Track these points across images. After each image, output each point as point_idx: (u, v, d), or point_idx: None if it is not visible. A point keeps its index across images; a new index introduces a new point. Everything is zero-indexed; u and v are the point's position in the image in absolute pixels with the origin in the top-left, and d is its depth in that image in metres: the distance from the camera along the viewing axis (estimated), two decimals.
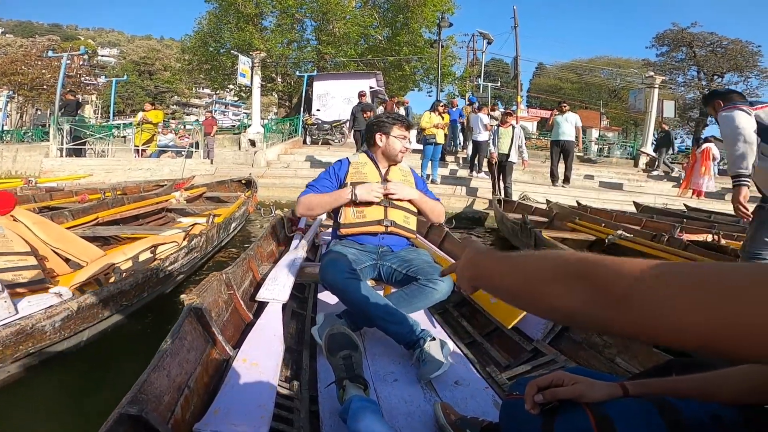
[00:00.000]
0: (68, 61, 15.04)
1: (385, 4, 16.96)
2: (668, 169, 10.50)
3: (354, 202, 1.74)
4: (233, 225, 3.68)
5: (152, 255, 2.34)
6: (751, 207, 2.00)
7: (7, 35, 40.71)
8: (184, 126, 13.10)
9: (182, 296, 1.21)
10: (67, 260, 2.32)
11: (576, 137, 7.09)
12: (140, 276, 1.87)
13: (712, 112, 2.19)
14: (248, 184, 5.97)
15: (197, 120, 14.20)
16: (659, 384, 0.66)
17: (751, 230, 1.97)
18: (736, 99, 2.13)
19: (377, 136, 1.84)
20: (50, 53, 16.78)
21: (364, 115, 7.28)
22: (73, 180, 7.05)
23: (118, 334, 1.87)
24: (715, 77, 25.42)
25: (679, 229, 3.80)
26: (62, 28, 52.83)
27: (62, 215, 3.29)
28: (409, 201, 1.82)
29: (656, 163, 10.86)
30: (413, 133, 9.13)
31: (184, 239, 2.46)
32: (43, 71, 22.71)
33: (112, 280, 1.88)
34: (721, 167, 9.20)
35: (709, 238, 3.68)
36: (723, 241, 3.43)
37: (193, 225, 3.06)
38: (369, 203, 1.74)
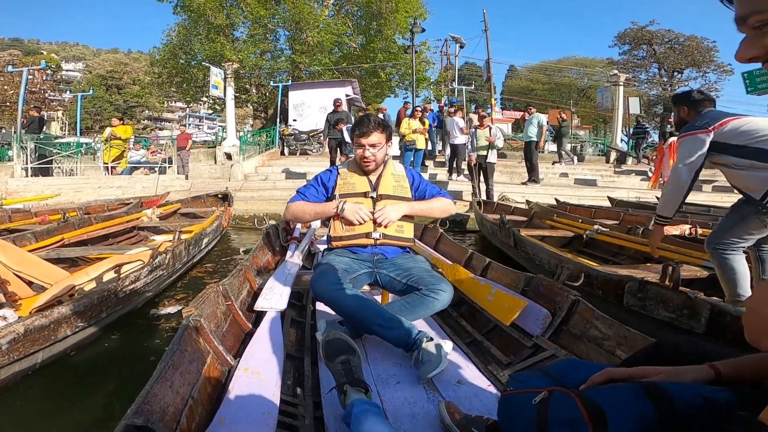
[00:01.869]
0: (30, 76, 14.46)
1: (358, 11, 17.04)
2: (646, 161, 11.04)
3: (340, 216, 1.72)
4: (205, 240, 3.59)
5: (116, 275, 2.26)
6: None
7: None
8: (157, 141, 12.75)
9: (162, 309, 1.18)
10: (30, 283, 2.25)
11: (540, 135, 7.54)
12: (95, 296, 1.83)
13: (680, 114, 2.07)
14: (225, 198, 5.84)
15: (171, 135, 13.83)
16: (755, 361, 0.64)
17: (728, 222, 1.92)
18: (707, 107, 2.00)
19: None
20: (10, 68, 16.10)
21: (336, 128, 7.29)
22: (40, 201, 6.74)
23: (82, 354, 1.83)
24: (675, 73, 26.65)
25: (653, 222, 3.91)
26: (23, 42, 50.77)
27: (25, 237, 3.17)
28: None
29: (636, 157, 11.33)
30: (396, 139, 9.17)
31: (149, 257, 2.37)
32: (5, 87, 21.84)
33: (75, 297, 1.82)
34: None
35: (686, 229, 3.82)
36: (700, 231, 3.53)
37: (161, 243, 2.97)
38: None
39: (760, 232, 1.84)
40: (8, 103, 21.42)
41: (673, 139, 8.40)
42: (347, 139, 6.70)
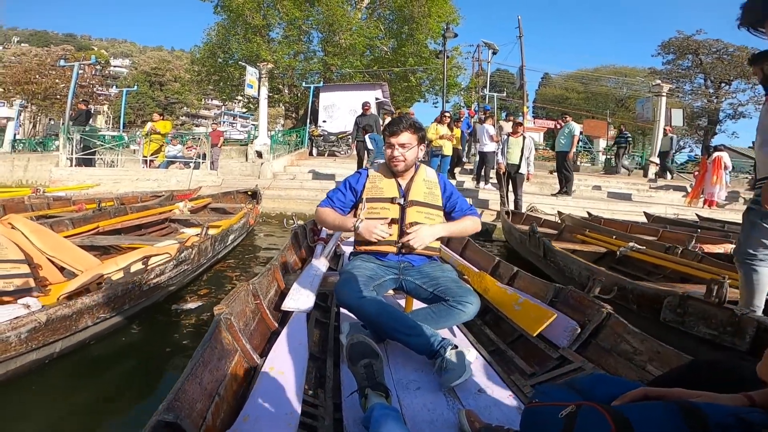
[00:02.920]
0: (80, 71, 15.33)
1: (391, 15, 17.14)
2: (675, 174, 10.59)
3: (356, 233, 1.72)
4: (231, 237, 3.65)
5: (144, 266, 2.31)
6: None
7: (22, 44, 41.78)
8: (193, 137, 13.23)
9: (183, 305, 1.19)
10: (62, 269, 2.32)
11: (572, 144, 7.21)
12: (120, 288, 1.85)
13: (758, 73, 1.83)
14: (254, 195, 5.96)
15: (206, 131, 14.36)
16: None
17: (744, 233, 1.93)
18: None
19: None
20: (62, 62, 17.15)
21: (363, 134, 7.32)
22: (81, 189, 7.11)
23: (100, 345, 1.85)
24: (723, 84, 25.24)
25: (694, 241, 3.70)
26: (77, 38, 54.14)
27: (63, 223, 3.28)
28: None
29: (667, 171, 10.87)
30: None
31: (176, 250, 2.42)
32: (57, 81, 23.25)
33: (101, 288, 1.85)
34: (735, 177, 9.17)
35: (729, 248, 3.57)
36: None
37: (189, 237, 3.04)
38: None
39: None
40: (58, 96, 22.80)
41: (717, 154, 7.97)
42: (369, 146, 6.68)
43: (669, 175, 10.97)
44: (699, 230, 4.77)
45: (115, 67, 44.19)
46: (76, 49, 37.10)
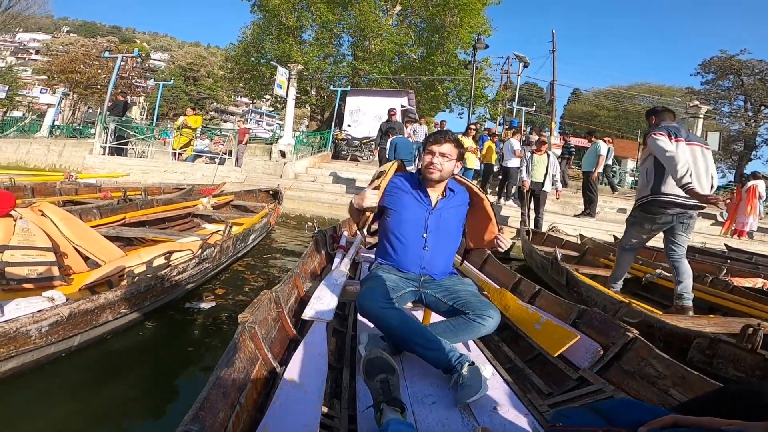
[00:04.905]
0: (122, 63, 16.00)
1: (422, 23, 17.20)
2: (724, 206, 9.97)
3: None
4: (252, 237, 3.69)
5: (166, 261, 2.35)
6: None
7: (71, 34, 44.01)
8: (220, 132, 13.57)
9: (199, 303, 1.19)
10: (86, 258, 2.38)
11: (597, 164, 6.97)
12: (142, 285, 1.88)
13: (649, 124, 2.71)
14: (275, 195, 6.04)
15: (234, 128, 14.71)
16: None
17: (627, 229, 2.97)
18: (667, 119, 2.80)
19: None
20: (107, 54, 17.96)
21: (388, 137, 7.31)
22: (111, 178, 7.39)
23: (118, 340, 1.88)
24: (763, 107, 24.16)
25: (725, 272, 3.55)
26: (122, 30, 56.67)
27: (90, 212, 3.37)
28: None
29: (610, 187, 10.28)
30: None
31: (199, 248, 2.46)
32: (99, 71, 24.34)
33: (124, 282, 1.89)
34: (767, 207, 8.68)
35: (759, 282, 3.43)
36: None
37: (211, 234, 3.08)
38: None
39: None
40: (99, 86, 23.88)
41: (751, 183, 7.58)
42: (387, 150, 6.64)
43: (612, 191, 9.96)
44: (729, 261, 4.58)
45: (154, 60, 45.97)
46: (120, 41, 38.83)
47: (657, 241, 6.94)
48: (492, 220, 1.83)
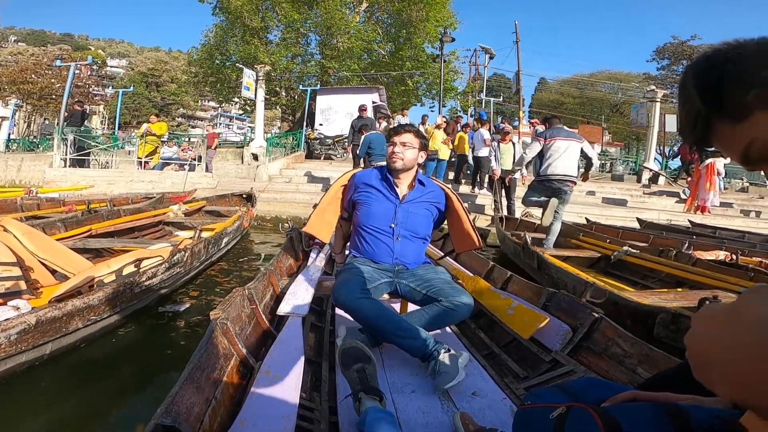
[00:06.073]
0: (76, 71, 15.25)
1: (389, 19, 17.22)
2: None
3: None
4: (225, 240, 3.64)
5: (137, 269, 2.30)
6: None
7: (19, 44, 41.53)
8: (188, 139, 13.18)
9: (174, 306, 1.18)
10: (54, 272, 2.32)
11: None
12: (110, 291, 1.85)
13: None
14: (249, 198, 5.95)
15: (202, 133, 14.32)
16: None
17: (528, 190, 4.24)
18: (555, 124, 4.12)
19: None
20: (59, 62, 17.07)
21: (360, 133, 7.31)
22: (74, 191, 7.07)
23: (91, 347, 1.85)
24: None
25: (688, 246, 3.74)
26: (74, 37, 53.88)
27: (54, 226, 3.26)
28: None
29: (676, 178, 10.83)
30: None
31: (169, 254, 2.42)
32: (53, 80, 23.08)
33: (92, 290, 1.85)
34: (728, 182, 9.22)
35: (721, 254, 3.63)
36: (739, 257, 3.37)
37: (183, 240, 3.03)
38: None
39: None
40: (54, 96, 22.63)
41: (709, 160, 8.03)
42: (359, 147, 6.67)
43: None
44: (694, 236, 4.82)
45: (111, 67, 43.96)
46: (73, 49, 36.96)
47: (621, 220, 7.24)
48: (465, 216, 1.91)
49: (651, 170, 11.32)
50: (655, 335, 1.89)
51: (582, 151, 3.82)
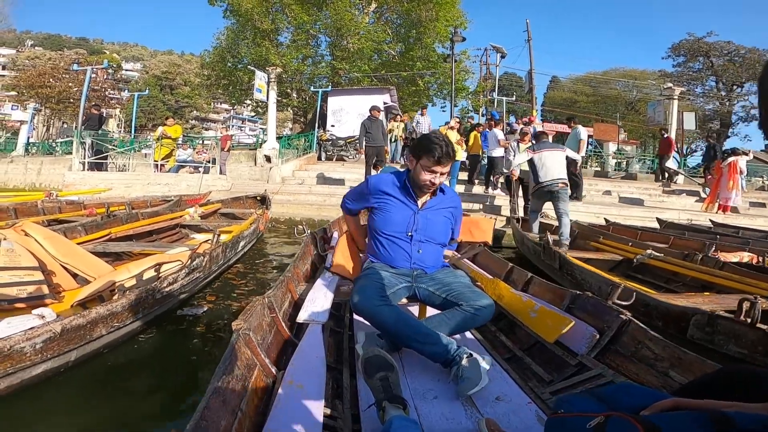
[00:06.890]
0: (93, 75, 15.56)
1: (398, 19, 17.19)
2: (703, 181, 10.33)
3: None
4: (242, 243, 3.65)
5: (156, 273, 2.32)
6: None
7: (36, 48, 42.58)
8: (203, 141, 13.35)
9: (192, 310, 1.17)
10: (75, 275, 2.35)
11: (579, 148, 7.09)
12: (133, 297, 1.85)
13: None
14: (263, 200, 5.98)
15: (216, 135, 14.48)
16: None
17: (531, 198, 4.92)
18: (542, 139, 4.81)
19: (409, 156, 1.78)
20: (75, 66, 17.43)
21: (373, 113, 7.22)
22: (93, 194, 7.21)
23: (114, 354, 1.86)
24: (735, 87, 24.87)
25: (713, 248, 3.62)
26: (89, 41, 54.96)
27: (75, 230, 3.30)
28: None
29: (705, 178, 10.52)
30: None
31: (188, 258, 2.43)
32: (70, 84, 23.59)
33: (115, 297, 1.87)
34: (748, 180, 8.95)
35: (745, 256, 3.50)
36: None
37: (200, 244, 3.04)
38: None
39: None
40: (71, 100, 23.15)
41: (732, 158, 7.80)
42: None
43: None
44: (718, 237, 4.66)
45: (126, 71, 44.81)
46: (88, 53, 37.73)
47: (640, 220, 7.09)
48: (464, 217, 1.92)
49: (670, 169, 11.06)
50: (689, 337, 1.84)
51: (567, 157, 4.54)
